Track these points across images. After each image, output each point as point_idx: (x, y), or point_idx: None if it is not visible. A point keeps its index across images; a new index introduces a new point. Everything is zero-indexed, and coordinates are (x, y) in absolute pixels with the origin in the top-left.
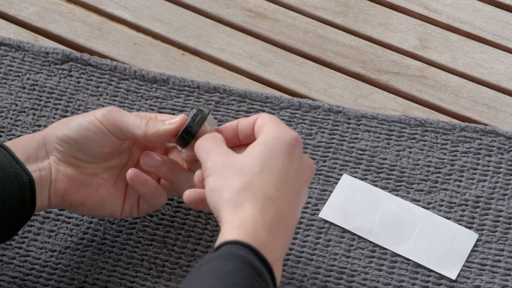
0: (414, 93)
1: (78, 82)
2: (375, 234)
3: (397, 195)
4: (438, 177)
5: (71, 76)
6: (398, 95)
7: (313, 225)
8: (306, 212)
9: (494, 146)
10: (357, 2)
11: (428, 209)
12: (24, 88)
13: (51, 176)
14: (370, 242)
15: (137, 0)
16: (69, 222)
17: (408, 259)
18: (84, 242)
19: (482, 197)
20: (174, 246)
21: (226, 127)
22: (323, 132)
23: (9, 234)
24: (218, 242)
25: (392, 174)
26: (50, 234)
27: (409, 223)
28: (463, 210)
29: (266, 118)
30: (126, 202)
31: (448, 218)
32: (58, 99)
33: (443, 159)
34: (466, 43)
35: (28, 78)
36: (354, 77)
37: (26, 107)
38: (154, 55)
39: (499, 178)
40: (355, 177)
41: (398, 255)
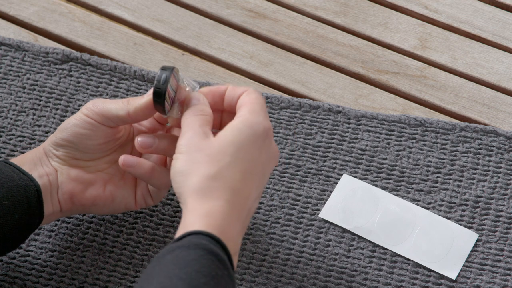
0: (414, 93)
1: (78, 82)
2: (375, 234)
3: (397, 195)
4: (438, 177)
5: (71, 76)
6: (398, 95)
7: (313, 225)
8: (306, 212)
9: (494, 146)
10: (357, 2)
11: (428, 209)
12: (24, 88)
13: (58, 180)
14: (370, 242)
15: (137, 0)
16: (69, 222)
17: (408, 259)
18: (84, 242)
19: (482, 197)
20: None
21: (214, 92)
22: (323, 132)
23: (18, 243)
24: (182, 229)
25: (392, 174)
26: (50, 234)
27: (409, 223)
28: (463, 210)
29: (248, 98)
30: (137, 192)
31: (448, 218)
32: (58, 99)
33: (443, 159)
34: (466, 43)
35: (28, 78)
36: (354, 77)
37: (26, 107)
38: (154, 55)
39: (499, 178)
40: (355, 177)
41: (398, 255)
